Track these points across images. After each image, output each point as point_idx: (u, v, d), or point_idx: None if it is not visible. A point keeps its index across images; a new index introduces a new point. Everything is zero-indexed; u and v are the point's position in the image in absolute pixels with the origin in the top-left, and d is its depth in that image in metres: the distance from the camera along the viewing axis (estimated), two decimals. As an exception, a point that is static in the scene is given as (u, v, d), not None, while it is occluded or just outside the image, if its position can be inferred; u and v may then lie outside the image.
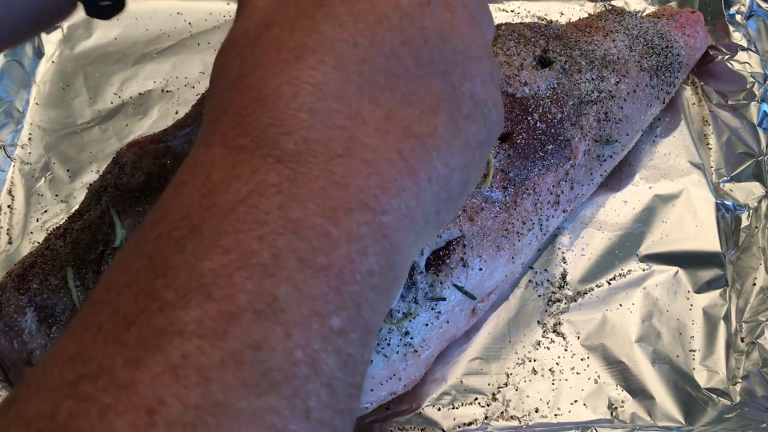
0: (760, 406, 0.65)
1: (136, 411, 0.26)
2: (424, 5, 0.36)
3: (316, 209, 0.31)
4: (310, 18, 0.35)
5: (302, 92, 0.33)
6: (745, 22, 0.84)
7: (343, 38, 0.34)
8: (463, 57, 0.37)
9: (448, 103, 0.36)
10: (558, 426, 0.64)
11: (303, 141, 0.32)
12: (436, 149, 0.35)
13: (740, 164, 0.78)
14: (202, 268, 0.29)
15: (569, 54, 0.74)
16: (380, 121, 0.34)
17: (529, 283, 0.72)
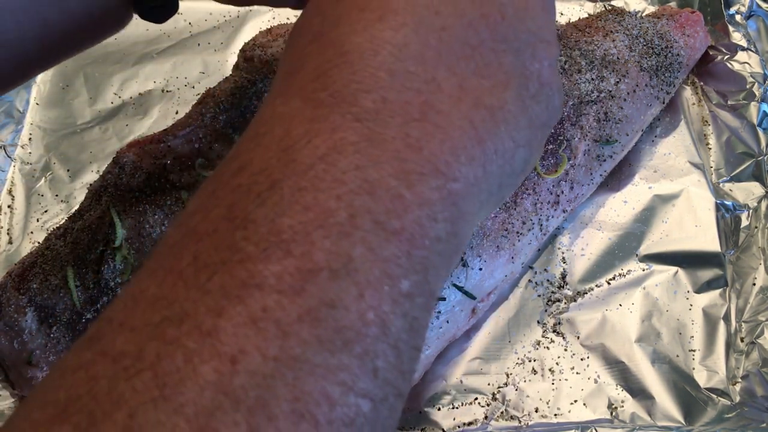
0: (759, 406, 0.65)
1: (219, 358, 0.26)
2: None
3: (391, 171, 0.31)
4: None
5: (383, 52, 0.33)
6: (744, 22, 0.84)
7: (426, 4, 0.35)
8: (535, 38, 0.38)
9: (518, 81, 0.37)
10: (558, 426, 0.64)
11: (381, 101, 0.33)
12: (505, 123, 0.36)
13: (740, 164, 0.78)
14: (282, 224, 0.29)
15: (569, 54, 0.74)
16: (454, 88, 0.34)
17: (529, 283, 0.72)
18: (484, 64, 0.36)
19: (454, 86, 0.35)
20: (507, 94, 0.36)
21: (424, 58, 0.34)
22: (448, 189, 0.33)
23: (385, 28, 0.34)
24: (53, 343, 0.61)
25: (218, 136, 0.66)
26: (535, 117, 0.38)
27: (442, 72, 0.34)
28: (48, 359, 0.61)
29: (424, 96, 0.34)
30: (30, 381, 0.61)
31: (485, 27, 0.36)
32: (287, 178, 0.30)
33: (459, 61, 0.35)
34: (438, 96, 0.34)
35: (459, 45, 0.35)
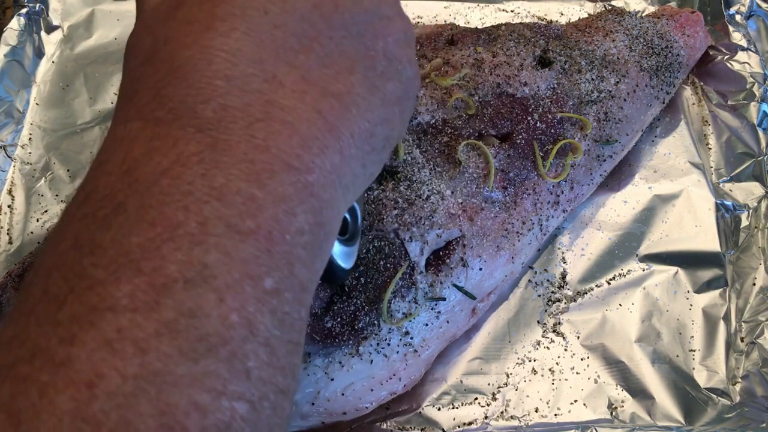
0: (759, 406, 0.65)
1: (75, 386, 0.26)
2: None
3: (239, 174, 0.31)
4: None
5: (216, 59, 0.33)
6: (744, 22, 0.84)
7: (254, 5, 0.35)
8: (374, 17, 0.38)
9: (363, 63, 0.37)
10: (558, 426, 0.64)
11: (221, 108, 0.32)
12: (356, 106, 0.36)
13: (740, 164, 0.78)
14: (130, 243, 0.29)
15: (569, 54, 0.74)
16: (297, 82, 0.34)
17: (528, 283, 0.72)
18: (325, 54, 0.36)
19: (297, 80, 0.34)
20: (353, 78, 0.36)
21: (260, 58, 0.34)
22: (303, 181, 0.33)
23: (215, 36, 0.34)
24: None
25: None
26: (388, 93, 0.38)
27: (282, 68, 0.34)
28: (48, 359, 0.61)
29: (266, 95, 0.33)
30: (30, 381, 0.61)
31: (319, 17, 0.36)
32: (131, 197, 0.30)
33: (298, 55, 0.35)
34: (280, 92, 0.34)
35: (295, 39, 0.35)
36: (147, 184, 0.30)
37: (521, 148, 0.68)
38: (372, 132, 0.37)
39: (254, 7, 0.35)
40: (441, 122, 0.67)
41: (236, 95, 0.33)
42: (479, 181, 0.66)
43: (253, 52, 0.34)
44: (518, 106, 0.69)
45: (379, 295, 0.60)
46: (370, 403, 0.62)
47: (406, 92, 0.40)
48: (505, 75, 0.71)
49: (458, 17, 0.89)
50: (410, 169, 0.65)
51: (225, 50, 0.33)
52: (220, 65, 0.33)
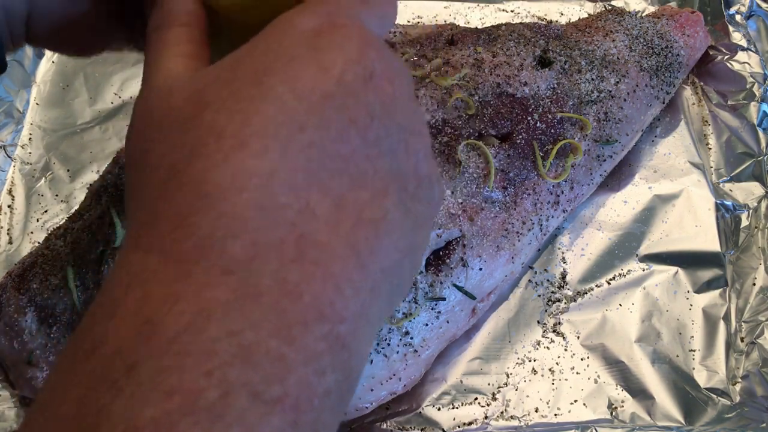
0: (759, 406, 0.65)
1: None
2: (368, 79, 0.33)
3: (270, 329, 0.28)
4: (249, 98, 0.32)
5: (249, 186, 0.30)
6: (744, 22, 0.84)
7: (288, 121, 0.31)
8: (406, 132, 0.35)
9: (396, 183, 0.34)
10: (558, 426, 0.64)
11: (252, 245, 0.29)
12: (388, 234, 0.33)
13: (740, 164, 0.78)
14: (143, 417, 0.26)
15: (569, 54, 0.74)
16: (331, 211, 0.31)
17: (529, 283, 0.72)
18: (360, 175, 0.32)
19: (331, 208, 0.31)
20: (388, 201, 0.33)
21: (294, 183, 0.30)
22: (336, 333, 0.30)
23: (248, 157, 0.30)
24: (53, 343, 0.61)
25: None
26: (419, 216, 0.35)
27: (315, 194, 0.31)
28: (48, 359, 0.61)
29: (299, 229, 0.30)
30: (30, 381, 0.61)
31: (355, 133, 0.33)
32: (146, 358, 0.27)
33: (333, 177, 0.32)
34: (314, 225, 0.30)
35: (330, 159, 0.32)
36: (165, 340, 0.27)
37: (521, 148, 0.68)
38: (401, 263, 0.34)
39: (290, 122, 0.31)
40: (441, 122, 0.67)
41: (269, 229, 0.29)
42: (479, 181, 0.66)
43: (287, 177, 0.30)
44: (518, 106, 0.69)
45: (379, 295, 0.60)
46: (370, 403, 0.62)
47: (431, 214, 0.37)
48: (505, 75, 0.71)
49: (458, 17, 0.89)
50: (410, 169, 0.65)
51: (259, 174, 0.30)
52: (253, 193, 0.30)
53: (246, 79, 0.32)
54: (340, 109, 0.32)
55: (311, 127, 0.32)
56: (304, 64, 0.33)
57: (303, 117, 0.32)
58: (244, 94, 0.32)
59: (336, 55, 0.33)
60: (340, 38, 0.34)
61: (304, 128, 0.31)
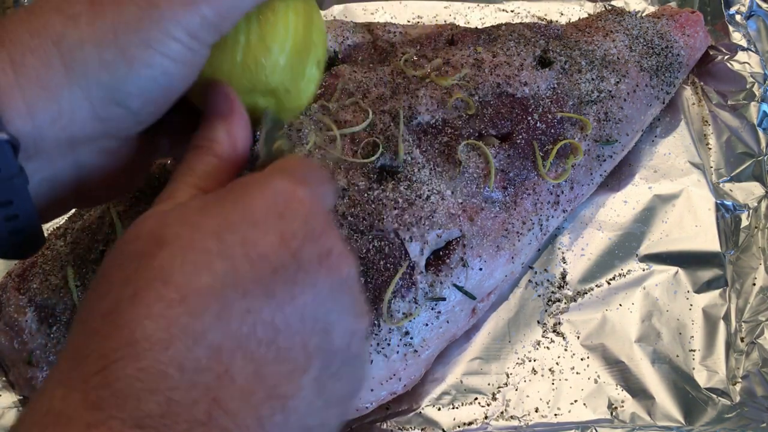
0: (759, 406, 0.65)
1: None
2: (323, 259, 0.35)
3: None
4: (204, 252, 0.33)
5: (177, 344, 0.31)
6: (744, 22, 0.84)
7: (235, 283, 0.33)
8: (348, 314, 0.36)
9: (320, 361, 0.35)
10: (558, 426, 0.64)
11: (166, 402, 0.30)
12: (295, 412, 0.34)
13: (740, 164, 0.78)
14: None
15: (569, 54, 0.74)
16: (249, 378, 0.32)
17: (529, 283, 0.72)
18: (286, 348, 0.33)
19: (249, 375, 0.32)
20: (304, 378, 0.34)
21: (220, 348, 0.32)
22: None
23: (184, 313, 0.31)
24: (53, 343, 0.61)
25: (218, 136, 0.66)
26: (334, 396, 0.36)
27: (239, 360, 0.32)
28: (48, 359, 0.61)
29: (213, 393, 0.31)
30: (30, 381, 0.61)
31: (293, 309, 0.34)
32: None
33: (260, 346, 0.33)
34: (229, 391, 0.32)
35: (263, 329, 0.33)
36: None
37: (521, 148, 0.68)
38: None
39: (235, 285, 0.32)
40: (441, 122, 0.67)
41: (185, 389, 0.31)
42: (479, 181, 0.66)
43: (215, 341, 0.32)
44: (518, 106, 0.69)
45: (379, 295, 0.60)
46: (370, 403, 0.62)
47: (351, 393, 0.38)
48: (505, 75, 0.71)
49: (458, 17, 0.89)
50: (410, 169, 0.65)
51: (189, 333, 0.31)
52: (177, 351, 0.31)
53: (208, 230, 0.34)
54: (288, 282, 0.34)
55: (254, 296, 0.33)
56: (266, 231, 0.34)
57: (249, 283, 0.33)
58: (201, 246, 0.33)
59: (298, 228, 0.35)
60: (307, 214, 0.35)
61: (247, 294, 0.33)
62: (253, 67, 0.44)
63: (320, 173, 0.40)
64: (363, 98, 0.68)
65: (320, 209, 0.36)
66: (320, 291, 0.35)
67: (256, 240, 0.34)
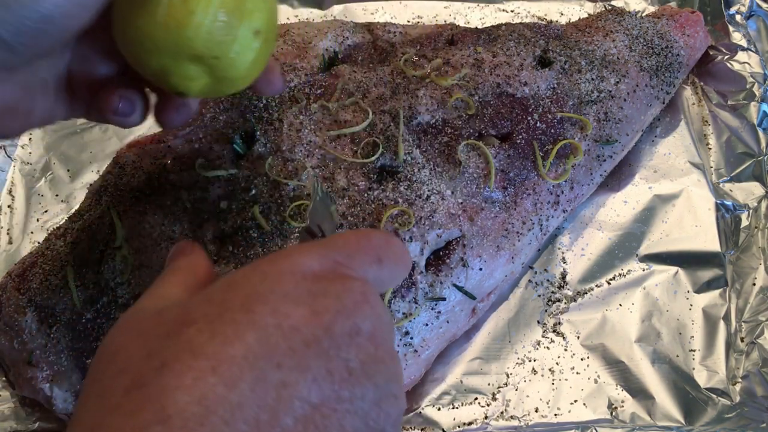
0: (759, 406, 0.65)
1: None
2: (354, 335, 0.33)
3: None
4: (234, 322, 0.31)
5: (212, 417, 0.29)
6: (744, 22, 0.84)
7: (267, 355, 0.31)
8: (383, 394, 0.34)
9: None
10: (558, 426, 0.64)
11: None
12: None
13: (740, 164, 0.78)
14: None
15: (569, 54, 0.74)
16: None
17: (529, 283, 0.72)
18: (323, 427, 0.31)
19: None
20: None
21: (258, 422, 0.30)
22: None
23: (218, 383, 0.29)
24: (53, 343, 0.61)
25: (218, 136, 0.66)
26: None
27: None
28: (48, 359, 0.61)
29: None
30: (30, 381, 0.61)
31: (329, 384, 0.32)
32: None
33: (296, 423, 0.31)
34: None
35: (299, 404, 0.31)
36: None
37: (521, 148, 0.68)
38: None
39: (268, 357, 0.31)
40: (441, 122, 0.67)
41: None
42: (479, 181, 0.66)
43: (252, 414, 0.30)
44: (518, 106, 0.69)
45: (379, 295, 0.60)
46: (370, 403, 0.62)
47: None
48: (505, 75, 0.71)
49: (458, 17, 0.89)
50: (410, 169, 0.65)
51: (224, 405, 0.29)
52: (215, 427, 0.29)
53: (236, 303, 0.32)
54: (321, 357, 0.32)
55: (288, 366, 0.31)
56: (297, 303, 0.33)
57: (283, 355, 0.31)
58: (230, 317, 0.32)
59: (330, 303, 0.33)
60: (340, 288, 0.34)
61: (281, 366, 0.31)
62: (175, 29, 0.42)
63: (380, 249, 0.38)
64: (363, 98, 0.68)
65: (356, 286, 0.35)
66: (353, 368, 0.33)
67: (287, 312, 0.32)
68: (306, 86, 0.68)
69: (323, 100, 0.68)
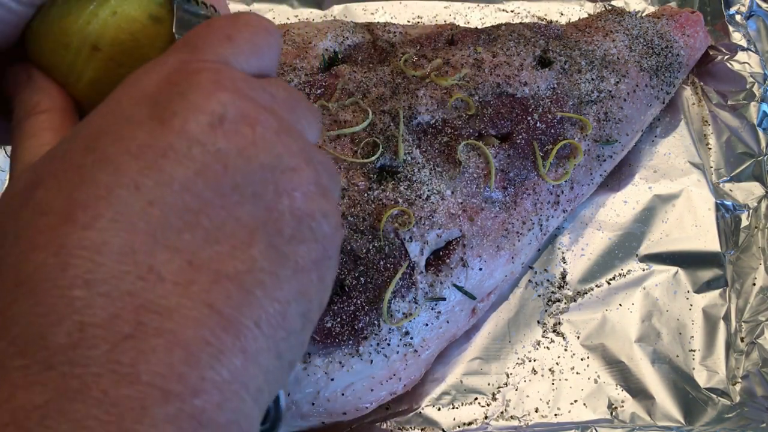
0: (759, 406, 0.65)
1: None
2: (216, 125, 0.30)
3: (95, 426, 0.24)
4: (79, 167, 0.29)
5: (73, 262, 0.27)
6: (744, 22, 0.84)
7: (122, 182, 0.28)
8: (275, 171, 0.31)
9: (266, 229, 0.31)
10: (558, 426, 0.64)
11: (78, 328, 0.26)
12: (260, 286, 0.29)
13: (740, 164, 0.78)
14: None
15: (569, 54, 0.74)
16: (181, 271, 0.28)
17: (529, 283, 0.72)
18: (216, 227, 0.29)
19: (182, 267, 0.28)
20: (254, 250, 0.30)
21: (132, 248, 0.27)
22: (189, 411, 0.26)
23: (74, 230, 0.27)
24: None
25: (218, 136, 0.66)
26: (302, 259, 0.31)
27: (162, 255, 0.28)
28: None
29: (139, 298, 0.27)
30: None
31: (204, 185, 0.29)
32: None
33: (181, 234, 0.28)
34: (159, 290, 0.27)
35: (176, 216, 0.29)
36: None
37: (521, 148, 0.68)
38: (284, 313, 0.30)
39: (123, 185, 0.28)
40: (441, 122, 0.67)
41: (100, 306, 0.26)
42: (479, 181, 0.66)
43: (123, 243, 0.27)
44: (518, 106, 0.69)
45: (379, 295, 0.60)
46: (370, 403, 0.62)
47: (324, 252, 0.33)
48: (505, 75, 0.71)
49: (458, 17, 0.89)
50: (410, 169, 0.65)
51: (86, 247, 0.27)
52: (78, 269, 0.26)
53: (78, 148, 0.30)
54: (183, 161, 0.29)
55: (149, 186, 0.29)
56: (141, 122, 0.30)
57: (138, 176, 0.29)
58: (76, 163, 0.29)
59: (176, 105, 0.30)
60: (185, 86, 0.31)
61: (140, 187, 0.28)
62: None
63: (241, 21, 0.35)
64: (363, 98, 0.68)
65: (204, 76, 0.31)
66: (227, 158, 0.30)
67: (131, 133, 0.30)
68: (306, 86, 0.68)
69: (323, 100, 0.68)
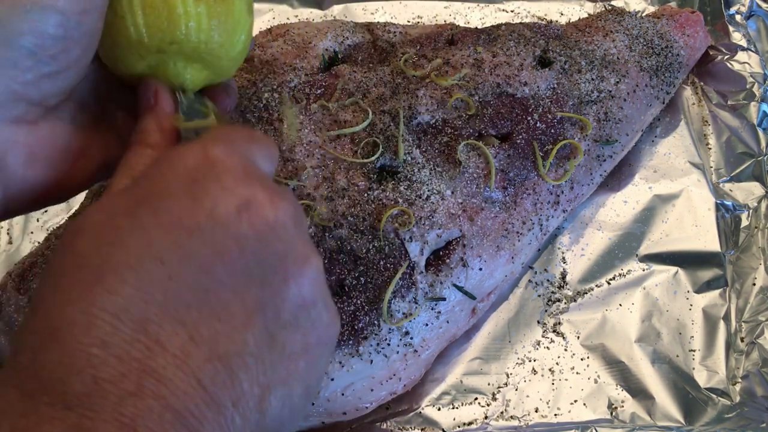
0: (759, 406, 0.65)
1: None
2: (242, 210, 0.34)
3: None
4: (118, 229, 0.33)
5: (97, 323, 0.31)
6: (744, 22, 0.84)
7: (150, 254, 0.32)
8: (286, 258, 0.35)
9: (265, 313, 0.34)
10: (558, 426, 0.64)
11: (92, 381, 0.30)
12: (245, 369, 0.33)
13: (740, 164, 0.78)
14: None
15: (569, 54, 0.74)
16: (183, 344, 0.32)
17: (529, 283, 0.72)
18: (221, 306, 0.33)
19: (184, 341, 0.32)
20: (248, 333, 0.33)
21: (146, 317, 0.31)
22: None
23: (102, 292, 0.31)
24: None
25: (218, 136, 0.66)
26: (293, 346, 0.34)
27: (168, 328, 0.31)
28: (48, 359, 0.61)
29: (144, 363, 0.31)
30: (30, 381, 0.61)
31: (221, 265, 0.33)
32: None
33: (190, 310, 0.32)
34: (161, 359, 0.31)
35: (190, 292, 0.32)
36: None
37: (521, 148, 0.68)
38: (262, 396, 0.33)
39: (150, 256, 0.32)
40: (441, 122, 0.67)
41: (112, 365, 0.30)
42: (479, 181, 0.66)
43: (140, 311, 0.31)
44: (518, 106, 0.69)
45: (379, 295, 0.60)
46: (370, 403, 0.62)
47: (319, 339, 0.36)
48: (505, 75, 0.71)
49: (458, 17, 0.89)
50: (410, 169, 0.65)
51: (109, 311, 0.31)
52: (100, 330, 0.31)
53: (121, 210, 0.33)
54: (207, 242, 0.33)
55: (172, 261, 0.32)
56: (178, 197, 0.33)
57: (165, 251, 0.32)
58: (115, 224, 0.33)
59: (210, 186, 0.34)
60: (219, 171, 0.34)
61: (165, 261, 0.32)
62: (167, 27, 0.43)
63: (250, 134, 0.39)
64: (363, 98, 0.68)
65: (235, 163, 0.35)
66: (246, 242, 0.34)
67: (168, 207, 0.33)
68: (306, 86, 0.68)
69: (323, 100, 0.68)
